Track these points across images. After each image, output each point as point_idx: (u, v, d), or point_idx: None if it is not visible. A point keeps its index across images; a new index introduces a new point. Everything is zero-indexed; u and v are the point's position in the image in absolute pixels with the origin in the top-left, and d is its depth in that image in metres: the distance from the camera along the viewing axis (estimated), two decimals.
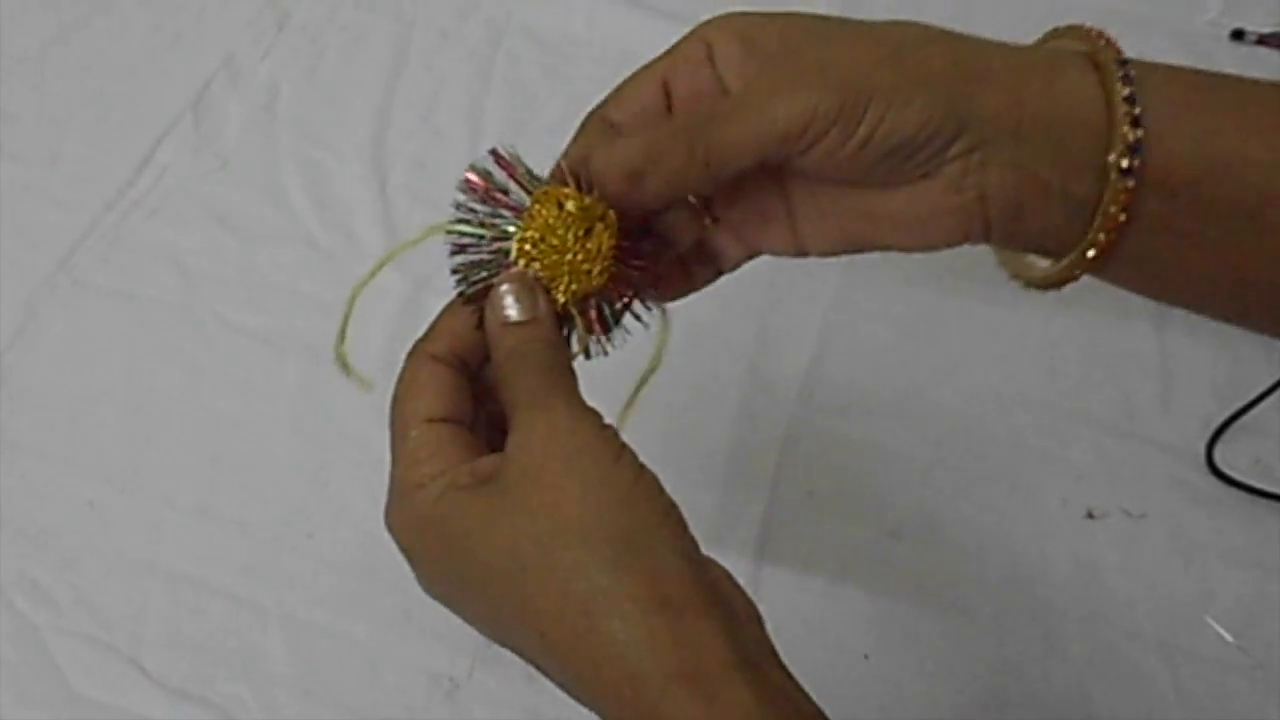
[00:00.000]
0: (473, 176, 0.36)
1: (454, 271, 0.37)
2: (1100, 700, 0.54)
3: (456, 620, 0.56)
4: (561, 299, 0.36)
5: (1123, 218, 0.33)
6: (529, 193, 0.36)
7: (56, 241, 0.70)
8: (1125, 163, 0.33)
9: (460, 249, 0.36)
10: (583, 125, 0.38)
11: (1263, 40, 0.80)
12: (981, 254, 0.71)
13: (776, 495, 0.60)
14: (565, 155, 0.37)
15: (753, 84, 0.35)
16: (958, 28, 0.88)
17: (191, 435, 0.62)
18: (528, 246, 0.35)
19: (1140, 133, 0.32)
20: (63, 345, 0.66)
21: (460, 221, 0.36)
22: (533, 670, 0.54)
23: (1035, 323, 0.67)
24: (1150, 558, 0.58)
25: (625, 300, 0.37)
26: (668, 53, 0.37)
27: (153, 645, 0.55)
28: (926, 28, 0.35)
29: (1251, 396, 0.61)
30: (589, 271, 0.35)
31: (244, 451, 0.62)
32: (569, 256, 0.35)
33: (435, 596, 0.36)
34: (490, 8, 0.83)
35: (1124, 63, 0.34)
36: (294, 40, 0.81)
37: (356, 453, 0.62)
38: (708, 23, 0.36)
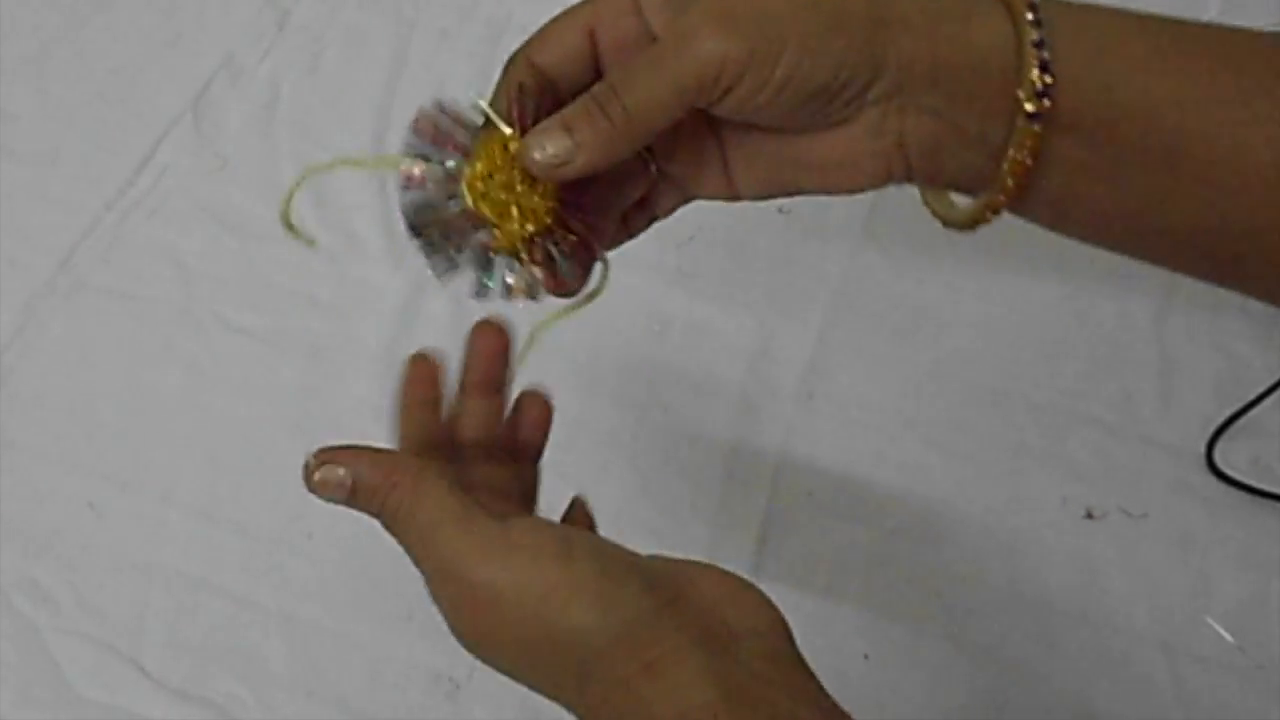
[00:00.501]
0: (421, 120, 0.38)
1: (404, 210, 0.38)
2: (1100, 700, 0.54)
3: None
4: (511, 234, 0.37)
5: (1030, 161, 0.33)
6: (475, 136, 0.37)
7: (56, 241, 0.70)
8: (1031, 107, 0.32)
9: (409, 185, 0.38)
10: (507, 67, 0.38)
11: None
12: (982, 254, 0.71)
13: (776, 495, 0.60)
14: (493, 96, 0.38)
15: (666, 34, 0.34)
16: None
17: (191, 435, 0.62)
18: (478, 184, 0.37)
19: (1049, 78, 0.32)
20: (63, 345, 0.66)
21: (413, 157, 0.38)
22: None
23: (1035, 323, 0.67)
24: (1150, 558, 0.58)
25: (569, 241, 0.38)
26: None
27: (153, 645, 0.55)
28: None
29: (1251, 396, 0.61)
30: (535, 210, 0.36)
31: (244, 451, 0.62)
32: (516, 195, 0.36)
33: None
34: (490, 8, 0.83)
35: (1034, 6, 0.33)
36: (294, 40, 0.81)
37: None
38: None
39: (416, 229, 0.38)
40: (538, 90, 0.37)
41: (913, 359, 0.66)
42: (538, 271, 0.37)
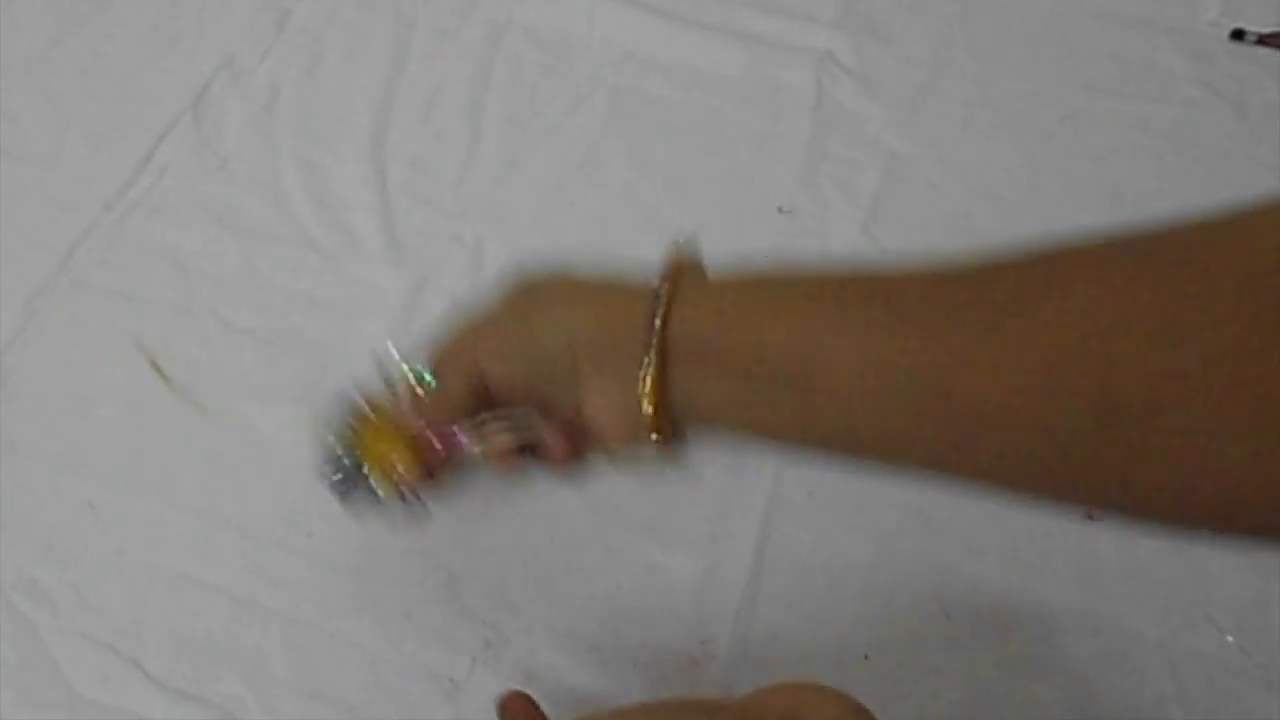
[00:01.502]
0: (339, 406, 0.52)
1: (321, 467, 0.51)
2: (1100, 700, 0.54)
3: (456, 620, 0.56)
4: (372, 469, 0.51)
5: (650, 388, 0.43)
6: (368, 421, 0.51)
7: (56, 241, 0.70)
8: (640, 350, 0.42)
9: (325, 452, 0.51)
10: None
11: (1263, 40, 0.80)
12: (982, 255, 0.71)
13: (776, 495, 0.60)
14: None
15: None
16: (959, 28, 0.88)
17: (191, 435, 0.62)
18: (371, 448, 0.50)
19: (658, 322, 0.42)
20: (63, 345, 0.66)
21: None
22: (532, 670, 0.54)
23: None
24: (1150, 558, 0.58)
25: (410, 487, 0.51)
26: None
27: (153, 645, 0.55)
28: None
29: None
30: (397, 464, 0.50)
31: (244, 451, 0.62)
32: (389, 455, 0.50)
33: None
34: (490, 8, 0.83)
35: (664, 280, 0.42)
36: (294, 40, 0.81)
37: None
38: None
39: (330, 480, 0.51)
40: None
41: None
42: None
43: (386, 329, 0.66)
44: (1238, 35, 0.80)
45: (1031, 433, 0.32)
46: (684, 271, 0.43)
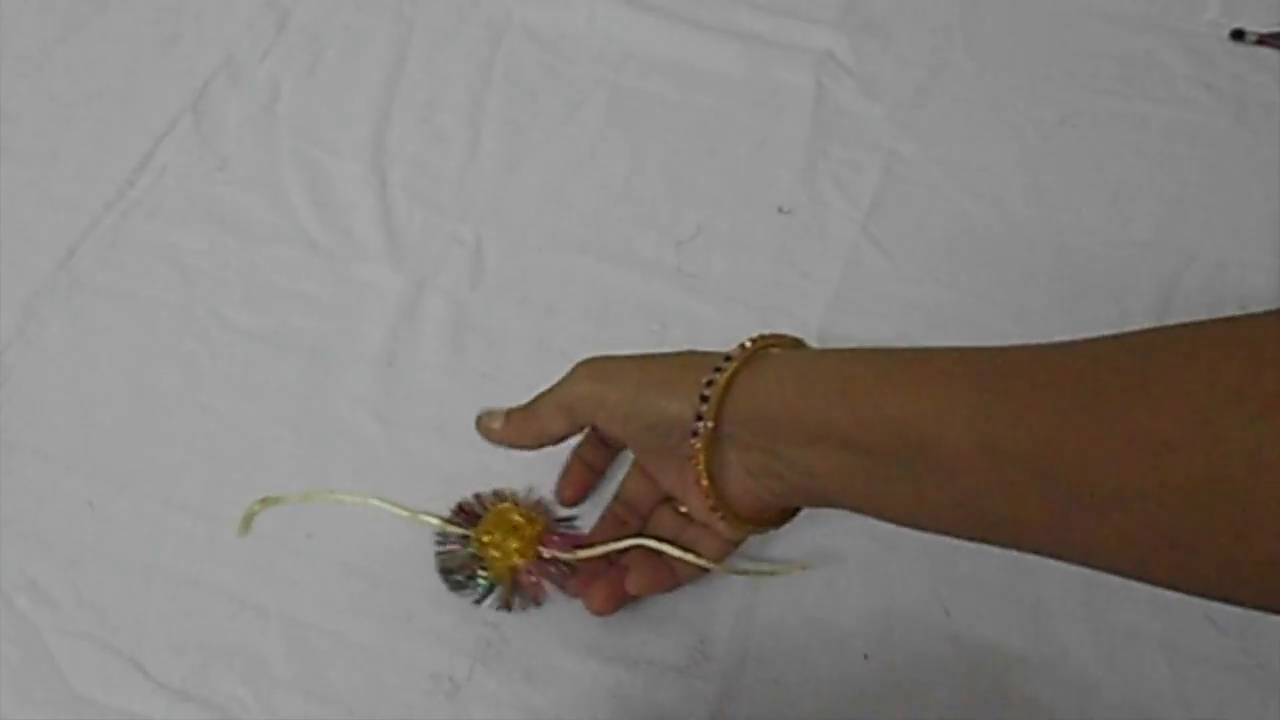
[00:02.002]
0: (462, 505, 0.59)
1: (437, 557, 0.57)
2: (1100, 700, 0.54)
3: (456, 620, 0.56)
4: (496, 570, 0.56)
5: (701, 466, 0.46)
6: (487, 508, 0.58)
7: (56, 241, 0.70)
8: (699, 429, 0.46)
9: (442, 542, 0.58)
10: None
11: (1263, 40, 0.80)
12: (981, 255, 0.71)
13: None
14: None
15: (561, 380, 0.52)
16: (962, 28, 0.89)
17: (191, 435, 0.62)
18: (483, 538, 0.56)
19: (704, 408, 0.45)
20: (63, 345, 0.66)
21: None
22: (532, 670, 0.54)
23: (1034, 323, 0.67)
24: None
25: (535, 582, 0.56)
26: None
27: (153, 645, 0.55)
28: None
29: None
30: (513, 554, 0.55)
31: (244, 451, 0.62)
32: (504, 546, 0.56)
33: None
34: (490, 8, 0.83)
35: (729, 357, 0.46)
36: (294, 40, 0.81)
37: (356, 453, 0.62)
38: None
39: (444, 569, 0.57)
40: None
41: None
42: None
43: (386, 329, 0.66)
44: (1238, 35, 0.80)
45: (1139, 514, 0.33)
46: (762, 346, 0.46)
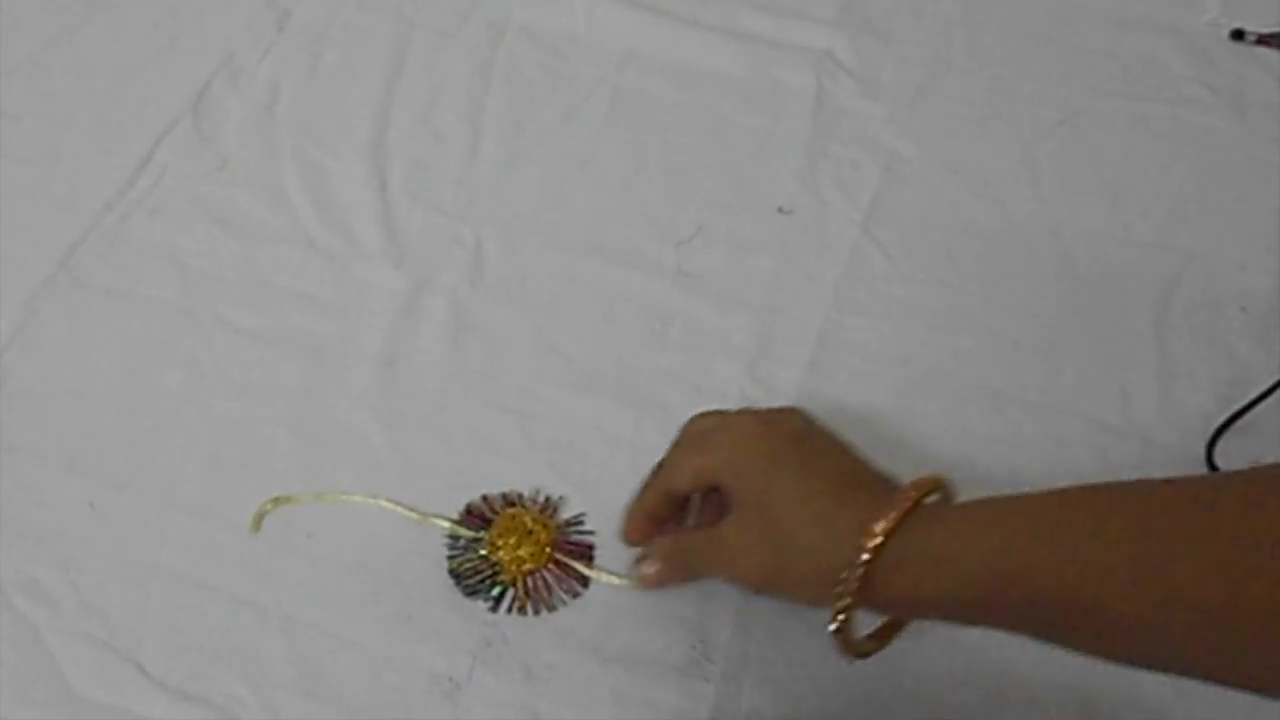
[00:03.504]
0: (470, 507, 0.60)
1: (449, 559, 0.58)
2: (1100, 700, 0.54)
3: (456, 620, 0.56)
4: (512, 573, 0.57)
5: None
6: (497, 512, 0.59)
7: (56, 241, 0.70)
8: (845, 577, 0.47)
9: (454, 545, 0.59)
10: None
11: (1262, 40, 0.80)
12: (981, 255, 0.71)
13: None
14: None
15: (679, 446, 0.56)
16: (959, 28, 0.88)
17: (191, 435, 0.62)
18: (496, 541, 0.57)
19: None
20: (63, 345, 0.66)
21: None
22: (532, 670, 0.54)
23: (1035, 322, 0.67)
24: None
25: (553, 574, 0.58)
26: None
27: (153, 645, 0.55)
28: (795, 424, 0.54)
29: (1251, 396, 0.61)
30: (525, 558, 0.57)
31: (244, 451, 0.62)
32: (515, 550, 0.57)
33: None
34: (490, 8, 0.83)
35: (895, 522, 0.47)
36: (294, 40, 0.81)
37: (356, 452, 0.62)
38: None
39: (456, 573, 0.57)
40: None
41: (912, 359, 0.66)
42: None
43: (386, 329, 0.66)
44: (1238, 35, 0.80)
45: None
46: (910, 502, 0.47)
